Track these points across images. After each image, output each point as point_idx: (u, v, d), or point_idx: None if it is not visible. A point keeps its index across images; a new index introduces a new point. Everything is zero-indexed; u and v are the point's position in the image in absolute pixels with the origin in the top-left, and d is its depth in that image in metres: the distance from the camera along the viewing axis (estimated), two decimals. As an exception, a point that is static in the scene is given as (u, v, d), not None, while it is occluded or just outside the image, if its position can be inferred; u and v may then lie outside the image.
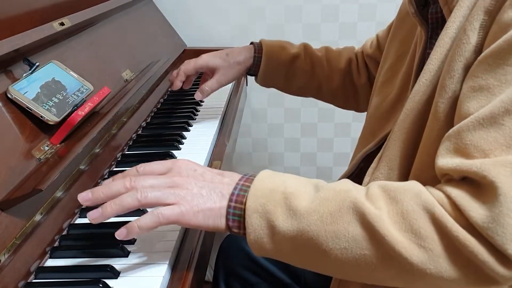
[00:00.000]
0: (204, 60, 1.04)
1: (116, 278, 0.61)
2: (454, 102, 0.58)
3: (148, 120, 1.13)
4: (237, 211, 0.58)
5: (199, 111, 1.20)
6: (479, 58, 0.55)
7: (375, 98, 0.93)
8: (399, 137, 0.67)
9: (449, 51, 0.61)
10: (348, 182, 0.59)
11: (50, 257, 0.66)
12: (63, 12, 0.95)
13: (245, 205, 0.57)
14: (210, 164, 0.93)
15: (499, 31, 0.54)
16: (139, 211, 0.72)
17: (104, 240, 0.69)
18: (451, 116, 0.59)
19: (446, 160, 0.54)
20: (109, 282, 0.60)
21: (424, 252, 0.51)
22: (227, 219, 0.58)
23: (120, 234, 0.58)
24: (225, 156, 0.99)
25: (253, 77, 1.11)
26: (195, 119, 1.15)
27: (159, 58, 1.31)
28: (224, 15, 1.66)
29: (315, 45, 1.78)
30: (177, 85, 1.06)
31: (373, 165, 0.72)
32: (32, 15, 0.88)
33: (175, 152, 0.94)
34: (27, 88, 0.75)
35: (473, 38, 0.57)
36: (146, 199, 0.58)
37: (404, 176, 0.67)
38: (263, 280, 0.96)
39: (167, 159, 0.90)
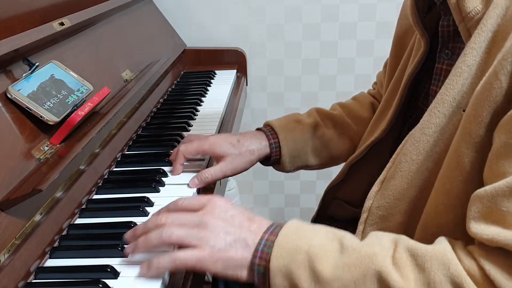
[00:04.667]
0: (210, 145, 0.86)
1: (116, 278, 0.61)
2: (481, 149, 0.55)
3: (148, 120, 1.13)
4: (261, 268, 0.58)
5: (199, 111, 1.20)
6: None
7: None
8: (408, 169, 0.64)
9: (467, 80, 0.58)
10: (374, 242, 0.57)
11: (50, 257, 0.66)
12: (63, 12, 0.95)
13: (268, 263, 0.57)
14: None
15: None
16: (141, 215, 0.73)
17: (104, 240, 0.69)
18: (479, 165, 0.56)
19: (481, 227, 0.52)
20: (109, 282, 0.60)
21: None
22: (252, 275, 0.58)
23: (142, 268, 0.61)
24: (225, 156, 0.98)
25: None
26: (195, 119, 1.14)
27: (159, 58, 1.30)
28: (224, 15, 1.66)
29: (315, 45, 1.77)
30: (178, 170, 0.87)
31: (375, 187, 0.69)
32: (32, 15, 0.87)
33: (175, 152, 0.94)
34: (26, 88, 0.74)
35: (505, 82, 0.52)
36: (170, 239, 0.60)
37: (412, 208, 0.65)
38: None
39: (167, 159, 0.90)
